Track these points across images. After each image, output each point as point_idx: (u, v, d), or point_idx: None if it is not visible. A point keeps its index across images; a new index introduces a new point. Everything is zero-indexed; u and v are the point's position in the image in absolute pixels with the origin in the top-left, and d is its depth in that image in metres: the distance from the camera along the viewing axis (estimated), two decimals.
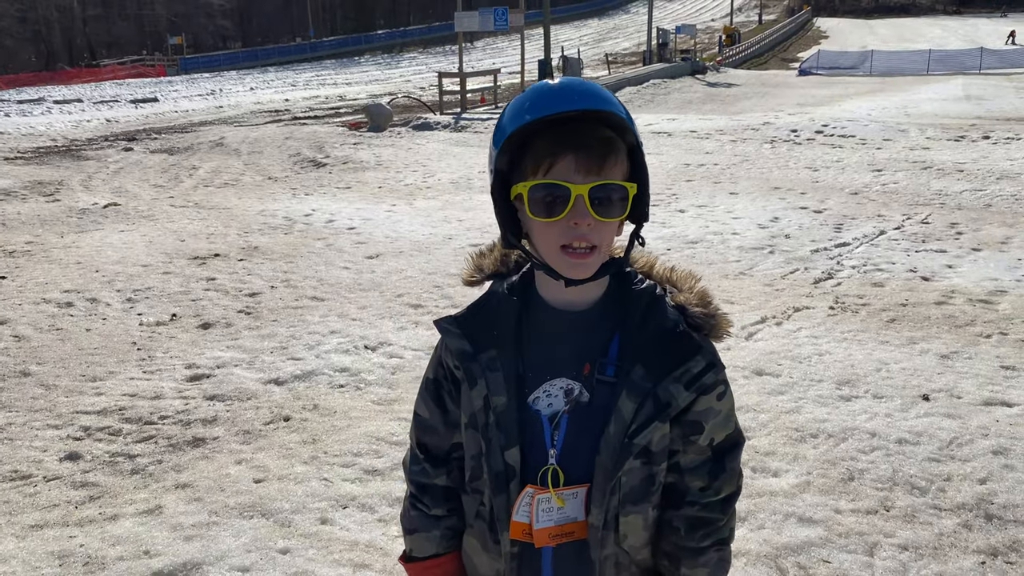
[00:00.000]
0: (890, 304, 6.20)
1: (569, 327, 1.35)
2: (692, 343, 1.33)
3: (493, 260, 1.45)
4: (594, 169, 1.26)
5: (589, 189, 1.25)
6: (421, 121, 19.00)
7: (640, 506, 1.35)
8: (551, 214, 1.26)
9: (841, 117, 18.55)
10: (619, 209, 1.29)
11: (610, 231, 1.30)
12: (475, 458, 1.40)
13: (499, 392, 1.34)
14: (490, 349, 1.36)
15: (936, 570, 3.02)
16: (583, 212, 1.25)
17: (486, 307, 1.41)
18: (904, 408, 4.38)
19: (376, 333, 5.72)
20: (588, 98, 1.26)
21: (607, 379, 1.32)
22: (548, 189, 1.26)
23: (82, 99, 32.82)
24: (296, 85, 40.93)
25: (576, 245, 1.26)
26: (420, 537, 1.49)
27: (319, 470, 3.81)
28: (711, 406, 1.36)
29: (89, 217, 10.02)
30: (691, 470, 1.37)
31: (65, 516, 3.44)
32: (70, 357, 5.35)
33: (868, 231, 8.56)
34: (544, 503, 1.33)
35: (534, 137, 1.27)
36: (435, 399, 1.47)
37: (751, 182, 11.54)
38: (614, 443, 1.30)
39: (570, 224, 1.25)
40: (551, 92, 1.27)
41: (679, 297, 1.37)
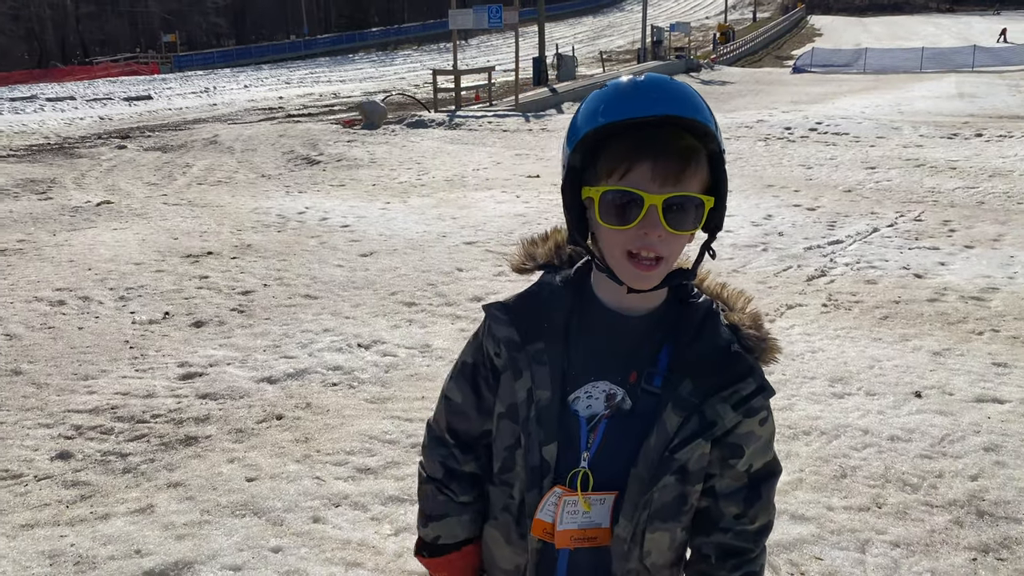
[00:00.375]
0: (883, 301, 6.21)
1: (620, 331, 1.32)
2: (745, 364, 1.29)
3: (547, 250, 1.42)
4: (671, 179, 1.20)
5: (664, 200, 1.19)
6: (415, 119, 18.98)
7: (668, 524, 1.33)
8: (622, 222, 1.22)
9: (835, 115, 18.58)
10: (693, 221, 1.24)
11: (680, 243, 1.25)
12: (508, 449, 1.37)
13: (544, 387, 1.32)
14: (538, 341, 1.33)
15: (927, 567, 3.03)
16: (655, 223, 1.20)
17: (537, 297, 1.37)
18: (896, 405, 4.39)
19: (369, 331, 5.71)
20: (671, 103, 1.20)
21: (653, 390, 1.29)
22: (621, 196, 1.21)
23: (75, 97, 32.70)
24: (290, 83, 40.84)
25: (644, 255, 1.22)
26: (452, 522, 1.46)
27: (312, 469, 3.80)
28: (753, 430, 1.33)
29: (82, 215, 9.99)
30: (726, 496, 1.34)
31: (56, 515, 3.43)
32: (62, 356, 5.33)
33: (861, 229, 8.58)
34: (570, 505, 1.31)
35: (611, 138, 1.22)
36: (471, 384, 1.44)
37: (745, 180, 11.55)
38: (653, 456, 1.28)
39: (640, 233, 1.21)
40: (631, 92, 1.22)
41: (733, 316, 1.33)
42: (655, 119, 1.19)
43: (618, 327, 1.32)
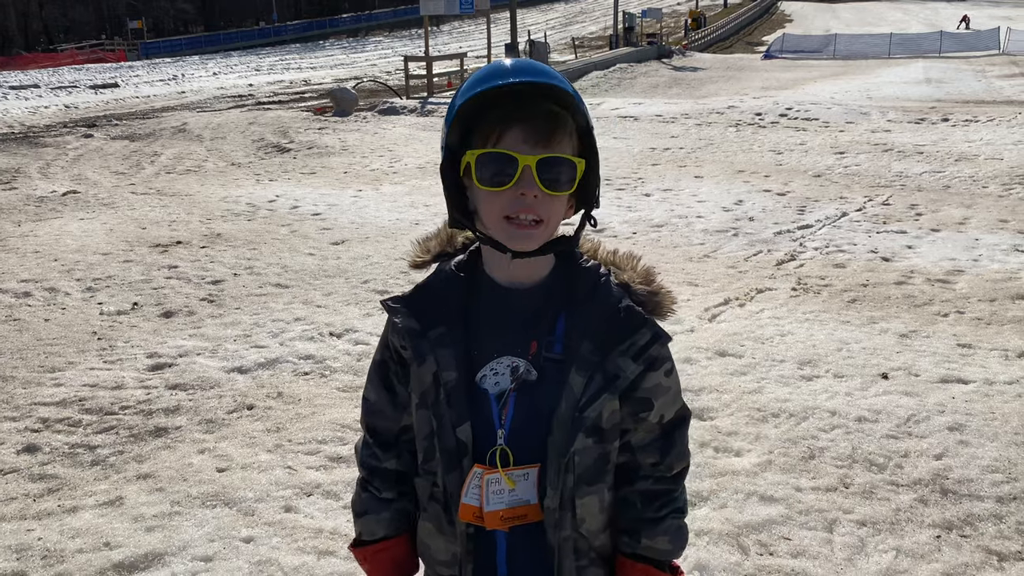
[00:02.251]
0: (851, 285, 6.29)
1: (515, 305, 1.36)
2: (637, 317, 1.34)
3: (439, 241, 1.45)
4: (542, 141, 1.26)
5: (537, 161, 1.25)
6: (387, 105, 18.85)
7: (595, 487, 1.35)
8: (498, 183, 1.26)
9: (804, 100, 18.72)
10: (567, 183, 1.29)
11: (557, 206, 1.30)
12: (427, 438, 1.39)
13: (449, 368, 1.34)
14: (439, 326, 1.36)
15: (893, 544, 3.08)
16: (530, 182, 1.25)
17: (433, 286, 1.40)
18: (864, 387, 4.46)
19: (341, 320, 5.68)
20: (535, 73, 1.28)
21: (555, 356, 1.33)
22: (495, 158, 1.26)
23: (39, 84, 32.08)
24: (260, 70, 40.37)
25: (522, 217, 1.26)
26: (370, 519, 1.48)
27: (283, 458, 3.78)
28: (660, 383, 1.38)
29: (47, 205, 9.82)
30: (642, 448, 1.40)
31: (23, 509, 3.39)
32: (28, 348, 5.25)
33: (830, 213, 8.66)
34: (494, 484, 1.32)
35: (483, 111, 1.28)
36: (383, 381, 1.47)
37: (716, 165, 11.61)
38: (564, 419, 1.30)
39: (516, 195, 1.26)
40: (498, 69, 1.29)
41: (623, 276, 1.39)
42: (521, 86, 1.26)
43: (512, 301, 1.36)
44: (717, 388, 4.45)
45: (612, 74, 29.46)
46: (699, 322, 5.53)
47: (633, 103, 20.01)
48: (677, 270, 6.81)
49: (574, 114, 1.31)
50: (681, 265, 6.97)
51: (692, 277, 6.60)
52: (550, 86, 1.27)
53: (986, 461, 3.65)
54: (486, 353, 1.35)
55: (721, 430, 3.99)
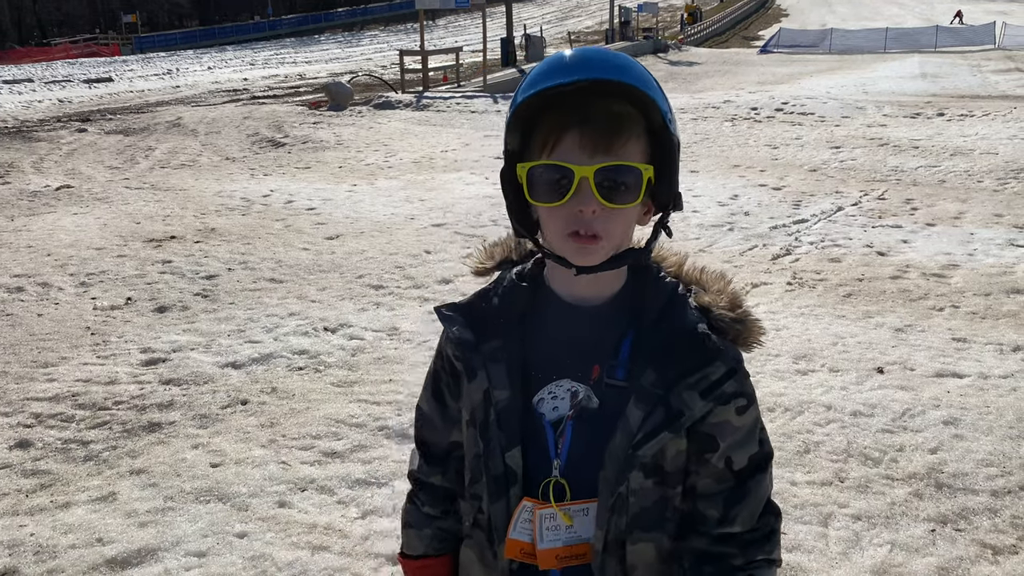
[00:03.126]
0: (847, 279, 6.29)
1: (579, 323, 1.22)
2: (712, 346, 1.17)
3: (504, 248, 1.34)
4: (602, 147, 1.11)
5: (596, 171, 1.10)
6: (382, 100, 18.80)
7: (652, 534, 1.19)
8: (553, 198, 1.13)
9: (800, 95, 18.70)
10: (631, 194, 1.13)
11: (622, 220, 1.15)
12: (475, 459, 1.27)
13: (501, 386, 1.21)
14: (494, 339, 1.24)
15: (888, 538, 3.08)
16: (588, 197, 1.11)
17: (492, 295, 1.28)
18: (859, 381, 4.46)
19: (336, 315, 5.66)
20: (598, 68, 1.12)
21: (617, 383, 1.19)
22: (548, 171, 1.13)
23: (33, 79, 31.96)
24: (255, 64, 40.24)
25: (583, 232, 1.13)
26: (412, 534, 1.41)
27: (277, 453, 3.77)
28: (728, 419, 1.19)
29: (41, 200, 9.78)
30: (706, 497, 1.21)
31: (15, 505, 3.37)
32: (20, 343, 5.23)
33: (826, 207, 8.66)
34: (549, 520, 1.19)
35: (544, 112, 1.15)
36: (434, 392, 1.37)
37: (711, 160, 11.61)
38: (618, 454, 1.16)
39: (575, 211, 1.12)
40: (562, 62, 1.15)
41: (704, 297, 1.21)
42: (583, 85, 1.11)
43: (576, 319, 1.22)
44: None
45: None
46: None
47: None
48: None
49: (647, 111, 1.15)
50: None
51: None
52: (616, 82, 1.11)
53: (981, 455, 3.65)
54: (545, 374, 1.22)
55: None
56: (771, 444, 1.26)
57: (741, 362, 1.20)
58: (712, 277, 1.26)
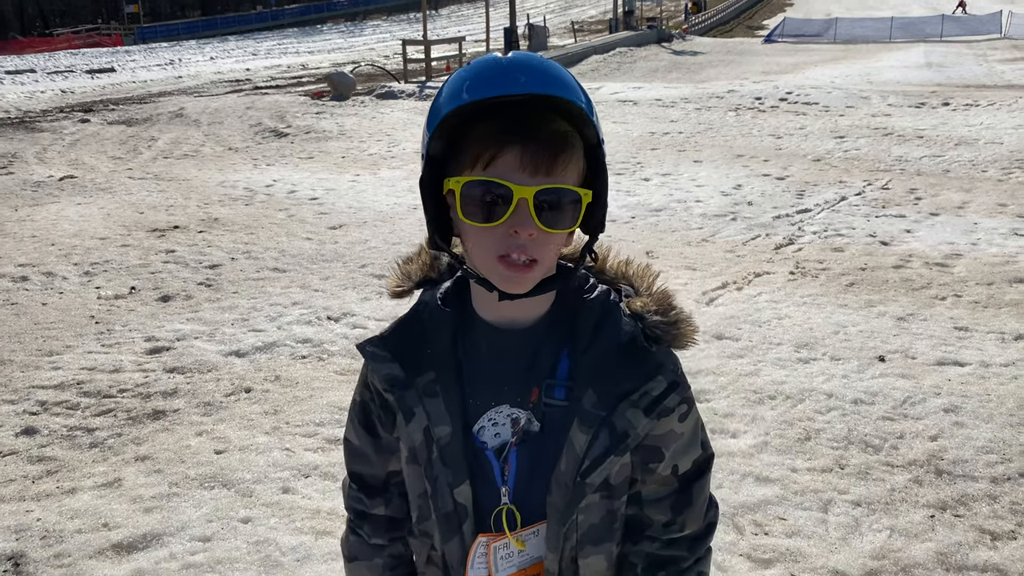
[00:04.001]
0: (849, 268, 6.29)
1: (510, 346, 1.17)
2: (651, 361, 1.15)
3: (421, 265, 1.26)
4: (543, 168, 1.05)
5: (535, 192, 1.04)
6: (385, 90, 18.77)
7: (601, 546, 1.19)
8: (488, 218, 1.06)
9: (805, 84, 18.64)
10: (569, 219, 1.09)
11: (555, 244, 1.11)
12: (421, 497, 1.22)
13: (442, 422, 1.16)
14: (427, 371, 1.17)
15: (887, 524, 3.10)
16: (526, 220, 1.05)
17: (417, 322, 1.21)
18: (860, 369, 4.47)
19: (339, 304, 5.68)
20: (541, 81, 1.05)
21: (558, 403, 1.16)
22: (486, 188, 1.05)
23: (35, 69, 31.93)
24: (257, 54, 40.17)
25: (514, 257, 1.07)
26: (361, 567, 1.33)
27: (281, 440, 3.80)
28: (672, 428, 1.19)
29: (44, 190, 9.80)
30: (653, 502, 1.21)
31: (22, 491, 3.40)
32: (25, 332, 5.26)
33: (829, 197, 8.66)
34: (502, 549, 1.17)
35: (476, 122, 1.07)
36: (364, 425, 1.30)
37: (715, 150, 11.59)
38: (565, 480, 1.14)
39: (509, 232, 1.06)
40: (496, 69, 1.06)
41: (636, 303, 1.18)
42: (523, 98, 1.04)
43: (507, 342, 1.17)
44: (714, 371, 4.46)
45: (612, 58, 29.34)
46: (696, 306, 5.54)
47: (632, 87, 19.94)
48: (675, 254, 6.81)
49: (583, 129, 1.10)
50: (679, 249, 6.97)
51: (690, 261, 6.60)
52: (564, 101, 1.06)
53: (981, 442, 3.66)
54: (483, 401, 1.17)
55: (718, 412, 4.00)
56: (711, 446, 1.25)
57: (680, 370, 1.18)
58: (639, 273, 1.23)
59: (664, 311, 1.17)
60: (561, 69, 1.10)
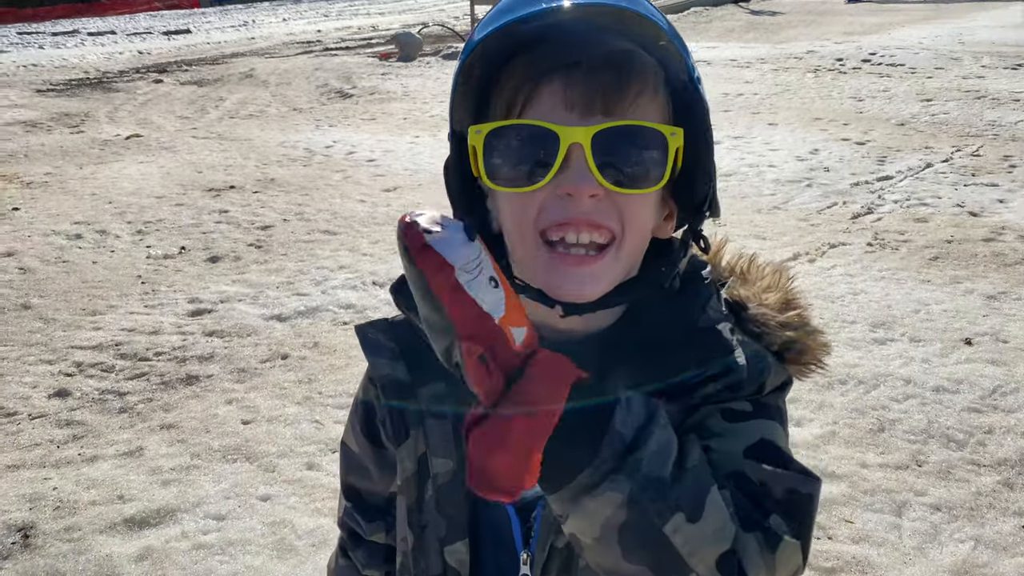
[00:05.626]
0: (934, 241, 5.80)
1: None
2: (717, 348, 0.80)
3: None
4: (599, 102, 0.75)
5: (594, 134, 0.74)
6: (451, 50, 18.49)
7: None
8: (524, 179, 0.76)
9: (890, 45, 17.65)
10: (652, 172, 0.76)
11: (636, 213, 0.78)
12: (404, 543, 0.94)
13: (444, 452, 0.88)
14: (437, 380, 0.88)
15: (971, 533, 2.75)
16: (583, 173, 0.74)
17: None
18: (944, 353, 4.06)
19: (386, 269, 5.49)
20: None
21: None
22: (519, 134, 0.76)
23: (116, 31, 32.58)
24: (329, 15, 40.23)
25: (570, 237, 0.76)
26: None
27: (311, 411, 3.62)
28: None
29: (110, 148, 9.87)
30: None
31: (44, 456, 3.31)
32: (72, 290, 5.21)
33: (913, 164, 8.07)
34: None
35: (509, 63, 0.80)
36: (366, 430, 1.03)
37: (791, 112, 11.00)
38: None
39: (558, 195, 0.76)
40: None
41: (739, 289, 0.86)
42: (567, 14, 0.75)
43: None
44: None
45: (686, 18, 28.38)
46: None
47: (707, 47, 19.19)
48: (744, 222, 6.41)
49: (666, 60, 0.79)
50: (749, 217, 6.56)
51: (760, 230, 6.20)
52: (618, 10, 0.76)
53: None
54: None
55: None
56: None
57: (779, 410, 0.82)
58: (762, 271, 0.90)
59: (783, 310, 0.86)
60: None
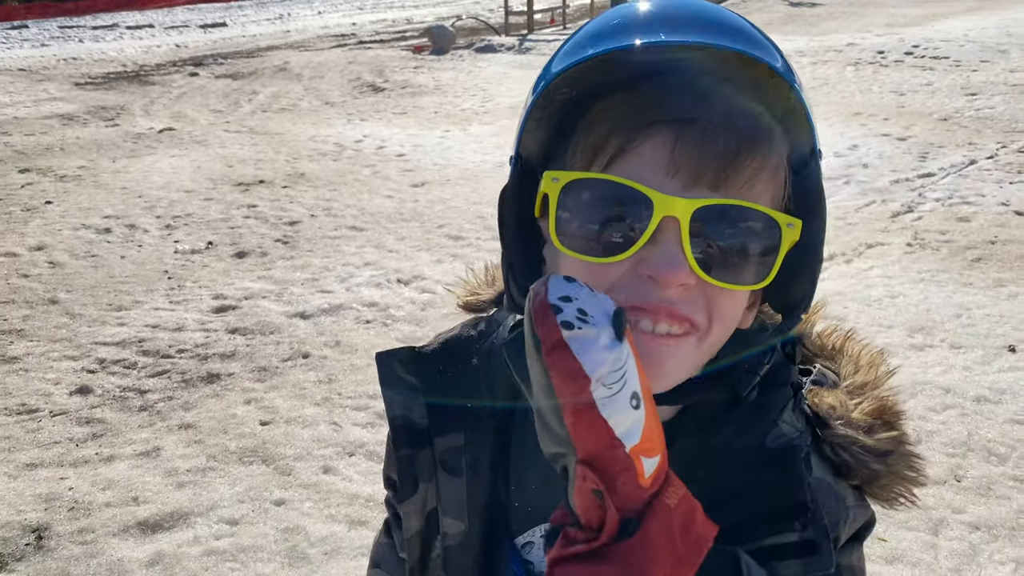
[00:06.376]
0: (976, 241, 5.59)
1: None
2: (795, 494, 0.68)
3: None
4: (709, 171, 0.63)
5: (696, 210, 0.62)
6: (484, 43, 18.40)
7: None
8: (605, 248, 0.64)
9: (934, 37, 17.21)
10: (758, 267, 0.65)
11: (727, 308, 0.67)
12: None
13: (455, 512, 0.78)
14: (455, 431, 0.79)
15: (1012, 555, 2.61)
16: (674, 257, 0.62)
17: (470, 351, 0.82)
18: (986, 360, 3.89)
19: (411, 266, 5.43)
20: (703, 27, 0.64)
21: None
22: (606, 193, 0.64)
23: (154, 24, 32.98)
24: (363, 8, 40.35)
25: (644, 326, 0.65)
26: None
27: (330, 413, 3.57)
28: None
29: (143, 142, 9.94)
30: None
31: (63, 455, 3.29)
32: (100, 285, 5.22)
33: (956, 160, 7.82)
34: None
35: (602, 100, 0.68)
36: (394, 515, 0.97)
37: (830, 107, 10.74)
38: None
39: (639, 273, 0.64)
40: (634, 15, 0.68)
41: (826, 398, 0.73)
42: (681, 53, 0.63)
43: None
44: None
45: None
46: None
47: None
48: None
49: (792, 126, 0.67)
50: None
51: None
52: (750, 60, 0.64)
53: None
54: (540, 505, 0.75)
55: None
56: None
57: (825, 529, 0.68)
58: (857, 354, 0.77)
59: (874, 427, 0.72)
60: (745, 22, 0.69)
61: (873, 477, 0.71)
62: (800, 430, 0.70)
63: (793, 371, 0.76)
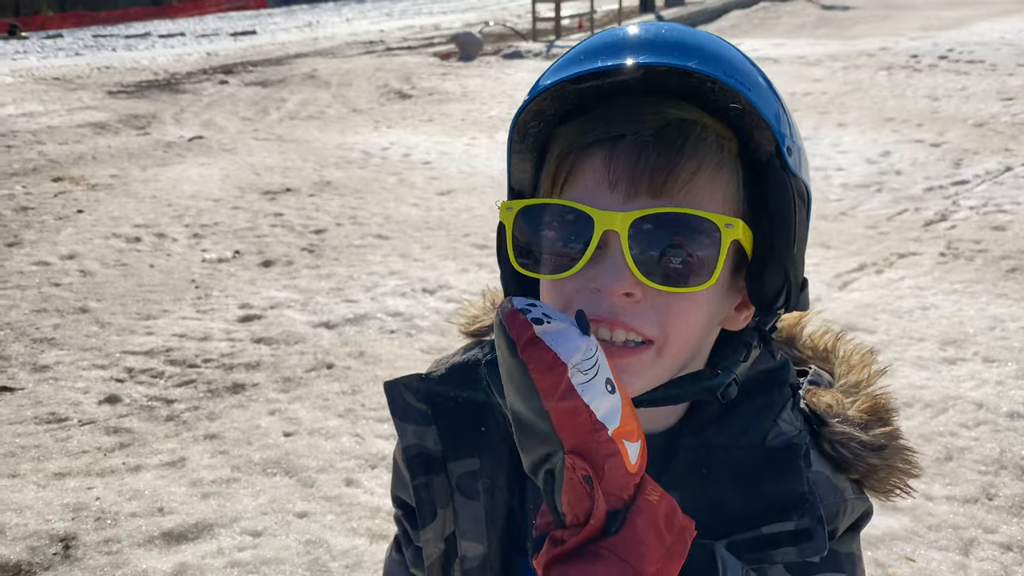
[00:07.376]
0: (1012, 251, 5.49)
1: None
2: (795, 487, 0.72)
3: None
4: (644, 182, 0.67)
5: (633, 221, 0.66)
6: (512, 50, 18.43)
7: None
8: (557, 267, 0.69)
9: (969, 41, 16.95)
10: (699, 269, 0.67)
11: (681, 316, 0.69)
12: None
13: (474, 535, 0.80)
14: (470, 455, 0.81)
15: None
16: (616, 268, 0.66)
17: (473, 376, 0.84)
18: (1020, 375, 3.81)
19: (436, 275, 5.43)
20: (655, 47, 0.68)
21: None
22: (553, 216, 0.69)
23: (185, 33, 33.43)
24: (391, 15, 40.62)
25: (602, 335, 0.68)
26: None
27: (353, 424, 3.57)
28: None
29: (173, 150, 10.07)
30: None
31: (90, 465, 3.33)
32: (129, 294, 5.29)
33: (992, 167, 7.68)
34: None
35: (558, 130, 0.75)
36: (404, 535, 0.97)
37: (862, 112, 10.61)
38: None
39: (589, 288, 0.68)
40: (608, 40, 0.72)
41: (822, 397, 0.78)
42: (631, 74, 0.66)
43: None
44: None
45: (755, 13, 27.78)
46: (828, 290, 4.94)
47: (774, 44, 18.73)
48: (809, 229, 6.16)
49: (746, 127, 0.70)
50: (814, 224, 6.18)
51: (825, 238, 5.96)
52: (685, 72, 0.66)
53: None
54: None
55: None
56: None
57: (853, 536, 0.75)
58: (849, 356, 0.83)
59: (869, 423, 0.77)
60: (711, 38, 0.71)
61: (871, 471, 0.77)
62: (799, 428, 0.75)
63: (792, 372, 0.80)
